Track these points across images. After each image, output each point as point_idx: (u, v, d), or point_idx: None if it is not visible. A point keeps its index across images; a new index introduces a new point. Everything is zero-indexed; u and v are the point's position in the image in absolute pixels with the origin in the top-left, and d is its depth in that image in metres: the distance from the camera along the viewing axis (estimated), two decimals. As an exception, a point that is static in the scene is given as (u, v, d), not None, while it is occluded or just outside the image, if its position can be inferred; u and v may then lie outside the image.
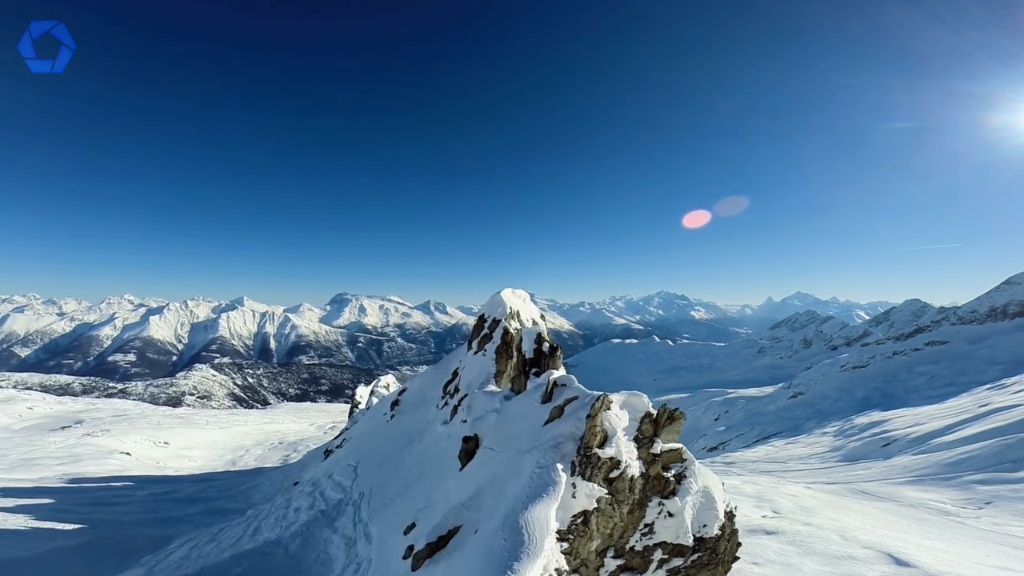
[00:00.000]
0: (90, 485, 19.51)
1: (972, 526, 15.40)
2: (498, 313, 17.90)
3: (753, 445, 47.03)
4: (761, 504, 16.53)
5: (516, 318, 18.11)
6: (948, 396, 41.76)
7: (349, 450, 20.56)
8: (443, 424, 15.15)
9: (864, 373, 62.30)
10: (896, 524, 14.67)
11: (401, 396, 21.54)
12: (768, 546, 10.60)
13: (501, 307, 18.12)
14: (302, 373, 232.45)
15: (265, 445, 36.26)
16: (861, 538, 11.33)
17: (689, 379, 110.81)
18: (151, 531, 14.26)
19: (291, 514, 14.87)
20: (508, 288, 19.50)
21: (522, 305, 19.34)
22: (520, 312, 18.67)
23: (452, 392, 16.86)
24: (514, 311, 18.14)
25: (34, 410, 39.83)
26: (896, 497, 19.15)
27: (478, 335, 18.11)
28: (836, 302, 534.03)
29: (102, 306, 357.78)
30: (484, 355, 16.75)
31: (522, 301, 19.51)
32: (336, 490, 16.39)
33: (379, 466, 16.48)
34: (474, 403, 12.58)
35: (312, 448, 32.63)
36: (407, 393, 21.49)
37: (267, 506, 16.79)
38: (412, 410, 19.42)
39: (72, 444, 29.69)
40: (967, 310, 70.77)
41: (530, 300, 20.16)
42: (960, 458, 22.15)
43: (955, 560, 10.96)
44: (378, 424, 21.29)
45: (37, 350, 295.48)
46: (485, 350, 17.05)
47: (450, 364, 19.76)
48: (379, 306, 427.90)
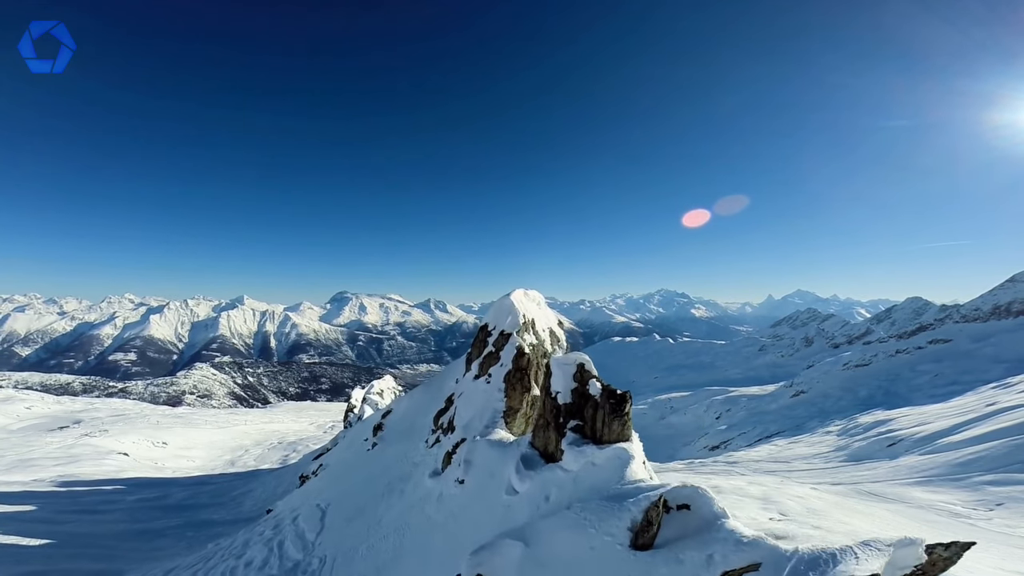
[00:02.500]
0: (80, 489, 19.20)
1: (984, 528, 15.08)
2: (507, 324, 13.45)
3: (755, 444, 46.74)
4: (768, 506, 16.20)
5: (531, 329, 13.81)
6: (953, 395, 41.42)
7: (323, 482, 17.38)
8: (432, 476, 11.79)
9: (867, 371, 61.98)
10: (907, 527, 14.36)
11: (385, 419, 18.09)
12: (779, 552, 10.26)
13: (511, 315, 13.59)
14: (302, 372, 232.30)
15: (264, 445, 36.00)
16: (874, 543, 11.00)
17: (690, 377, 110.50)
18: (124, 547, 13.72)
19: (240, 570, 12.60)
20: (520, 289, 15.19)
21: (537, 312, 15.13)
22: (536, 321, 14.39)
23: (445, 428, 13.18)
24: (528, 320, 13.79)
25: (32, 410, 39.57)
26: (905, 498, 18.83)
27: (480, 353, 13.68)
28: (837, 300, 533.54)
29: (103, 305, 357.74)
30: (488, 382, 12.66)
31: (536, 306, 15.43)
32: (296, 545, 13.56)
33: (349, 520, 13.46)
34: (475, 457, 9.80)
35: (312, 448, 32.36)
36: (392, 416, 18.07)
37: (226, 543, 14.73)
38: (397, 439, 16.21)
39: (70, 445, 29.42)
40: (970, 308, 70.39)
41: (545, 304, 16.29)
42: (969, 458, 21.84)
43: (972, 564, 10.62)
44: (357, 452, 18.00)
45: (38, 349, 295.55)
46: (490, 376, 12.82)
47: (444, 384, 16.28)
48: (379, 304, 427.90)
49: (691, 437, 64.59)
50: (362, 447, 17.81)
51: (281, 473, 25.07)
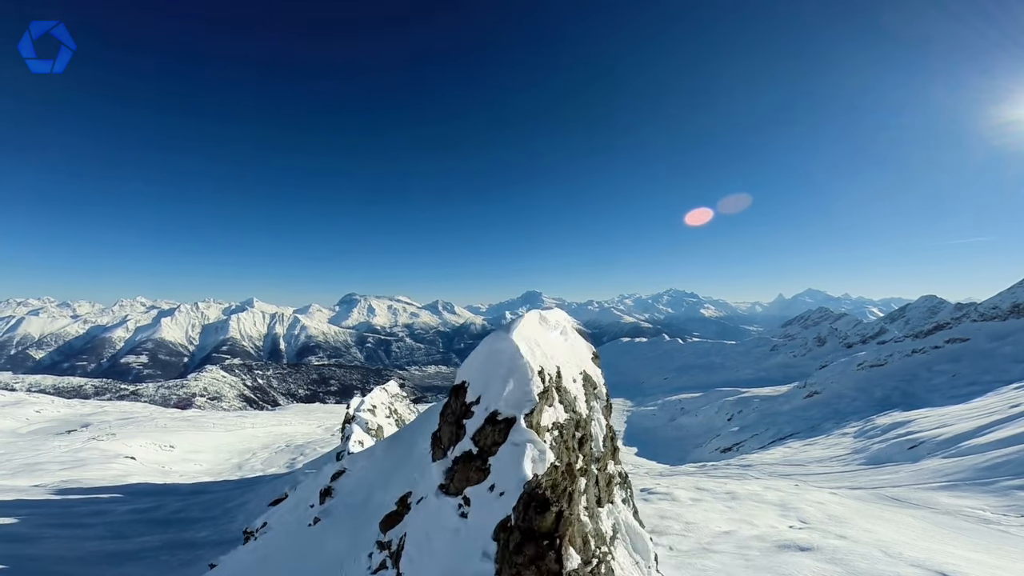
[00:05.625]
0: (76, 497, 18.90)
1: (1016, 535, 14.36)
2: (507, 399, 6.42)
3: (769, 446, 45.84)
4: (787, 513, 15.61)
5: (555, 394, 7.05)
6: (972, 395, 40.27)
7: (253, 557, 11.90)
8: None
9: (882, 372, 60.69)
10: (936, 535, 13.69)
11: (336, 483, 12.65)
12: (803, 565, 9.68)
13: (516, 379, 6.56)
14: (311, 374, 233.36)
15: (272, 448, 35.77)
16: (906, 554, 10.38)
17: (701, 378, 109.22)
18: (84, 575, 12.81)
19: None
20: (534, 312, 8.39)
21: (562, 349, 8.34)
22: (562, 368, 7.61)
23: (393, 555, 7.80)
24: (550, 378, 7.05)
25: (42, 413, 39.69)
26: (930, 504, 18.11)
27: (451, 439, 7.00)
28: (848, 299, 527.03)
29: (115, 308, 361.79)
30: (465, 516, 6.01)
31: (560, 338, 8.64)
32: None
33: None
34: None
35: (320, 452, 32.07)
36: (345, 481, 12.55)
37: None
38: (346, 519, 11.21)
39: (77, 448, 29.34)
40: (988, 306, 68.75)
41: (572, 327, 9.39)
42: (996, 462, 21.00)
43: (1007, 577, 10.03)
44: (298, 524, 12.32)
45: (52, 352, 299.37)
46: (467, 504, 6.09)
47: (412, 450, 11.40)
48: (387, 306, 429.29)
49: (702, 439, 63.67)
50: (304, 517, 12.22)
51: (279, 483, 24.65)
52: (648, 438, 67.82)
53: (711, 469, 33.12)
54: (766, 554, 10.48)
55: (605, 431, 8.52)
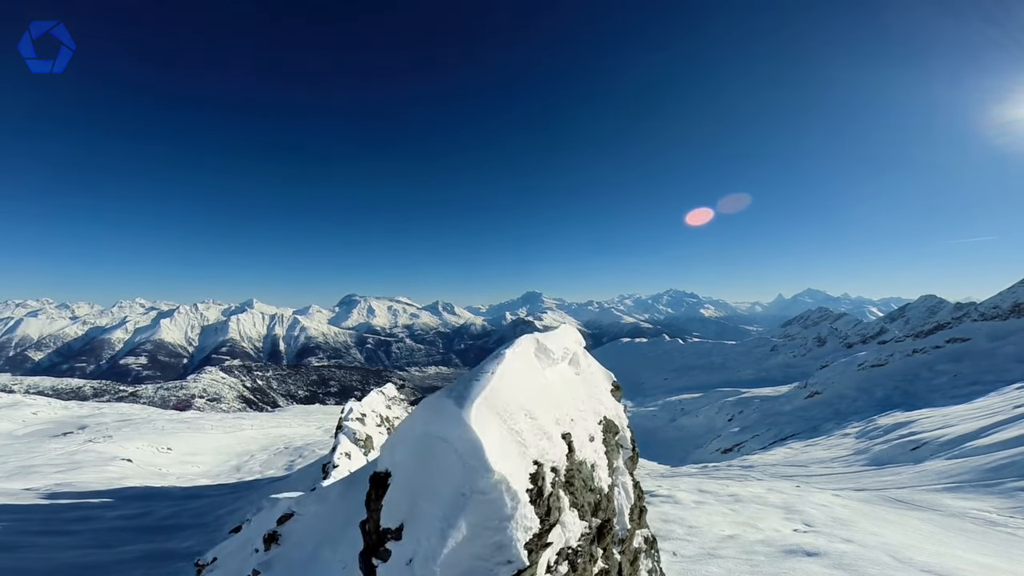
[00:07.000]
0: (67, 502, 18.50)
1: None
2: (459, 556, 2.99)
3: (770, 447, 45.65)
4: (791, 516, 15.36)
5: (562, 502, 3.86)
6: (974, 396, 40.10)
7: None
8: None
9: (883, 372, 60.53)
10: (943, 538, 13.46)
11: (282, 528, 8.47)
12: (812, 571, 9.44)
13: (478, 508, 3.04)
14: (311, 375, 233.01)
15: (271, 450, 35.49)
16: (916, 559, 10.14)
17: (701, 378, 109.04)
18: None
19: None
20: (526, 337, 4.93)
21: (572, 396, 5.19)
22: (574, 433, 4.53)
23: None
24: (555, 477, 3.79)
25: (38, 415, 39.36)
26: (935, 506, 17.88)
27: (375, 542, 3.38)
28: (848, 299, 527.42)
29: (114, 309, 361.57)
30: None
31: (571, 370, 5.79)
32: None
33: None
34: None
35: (318, 455, 31.83)
36: (292, 527, 9.19)
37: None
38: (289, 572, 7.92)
39: (73, 451, 29.03)
40: (989, 306, 68.58)
41: (586, 354, 6.53)
42: (1001, 463, 20.78)
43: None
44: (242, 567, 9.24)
45: (50, 353, 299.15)
46: None
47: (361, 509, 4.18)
48: (387, 307, 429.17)
49: (703, 439, 63.51)
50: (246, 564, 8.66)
51: (274, 488, 24.36)
52: (649, 439, 67.59)
53: (712, 470, 32.89)
54: (772, 560, 10.23)
55: (632, 497, 6.12)
